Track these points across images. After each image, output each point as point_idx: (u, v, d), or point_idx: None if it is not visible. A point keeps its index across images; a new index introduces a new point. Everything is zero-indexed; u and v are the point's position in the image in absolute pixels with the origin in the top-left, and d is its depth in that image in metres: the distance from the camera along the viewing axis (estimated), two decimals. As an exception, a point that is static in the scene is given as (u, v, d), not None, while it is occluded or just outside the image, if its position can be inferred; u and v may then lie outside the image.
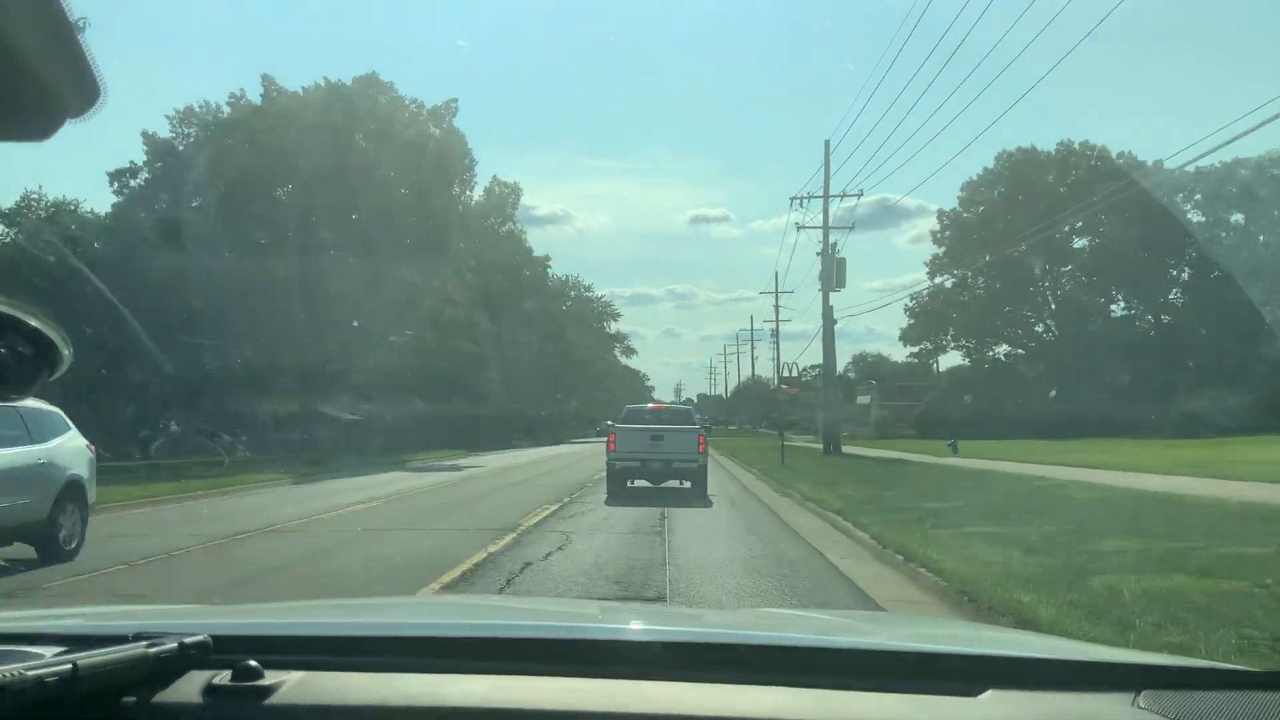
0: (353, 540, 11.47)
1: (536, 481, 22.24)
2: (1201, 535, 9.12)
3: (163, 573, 9.09)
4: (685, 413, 20.92)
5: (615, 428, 17.86)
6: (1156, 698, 1.32)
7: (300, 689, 1.34)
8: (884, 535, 9.90)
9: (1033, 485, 16.64)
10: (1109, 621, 5.53)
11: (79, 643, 1.37)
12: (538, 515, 13.56)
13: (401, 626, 1.82)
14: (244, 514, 14.53)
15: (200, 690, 1.33)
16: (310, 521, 13.53)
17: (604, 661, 1.47)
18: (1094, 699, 1.34)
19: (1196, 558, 7.71)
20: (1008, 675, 1.40)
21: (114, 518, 13.56)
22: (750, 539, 11.19)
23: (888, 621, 3.55)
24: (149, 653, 1.32)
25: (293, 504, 16.24)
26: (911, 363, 77.60)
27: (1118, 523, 10.47)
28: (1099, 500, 13.54)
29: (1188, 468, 18.44)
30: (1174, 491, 13.89)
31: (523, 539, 10.91)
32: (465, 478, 24.39)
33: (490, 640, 1.59)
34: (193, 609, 2.39)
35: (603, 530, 11.89)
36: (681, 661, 1.45)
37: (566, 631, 1.75)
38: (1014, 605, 6.10)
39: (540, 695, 1.32)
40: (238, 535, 11.77)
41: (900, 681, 1.38)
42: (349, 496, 17.35)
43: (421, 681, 1.37)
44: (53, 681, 1.14)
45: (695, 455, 16.93)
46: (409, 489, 19.84)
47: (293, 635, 1.63)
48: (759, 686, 1.35)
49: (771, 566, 8.90)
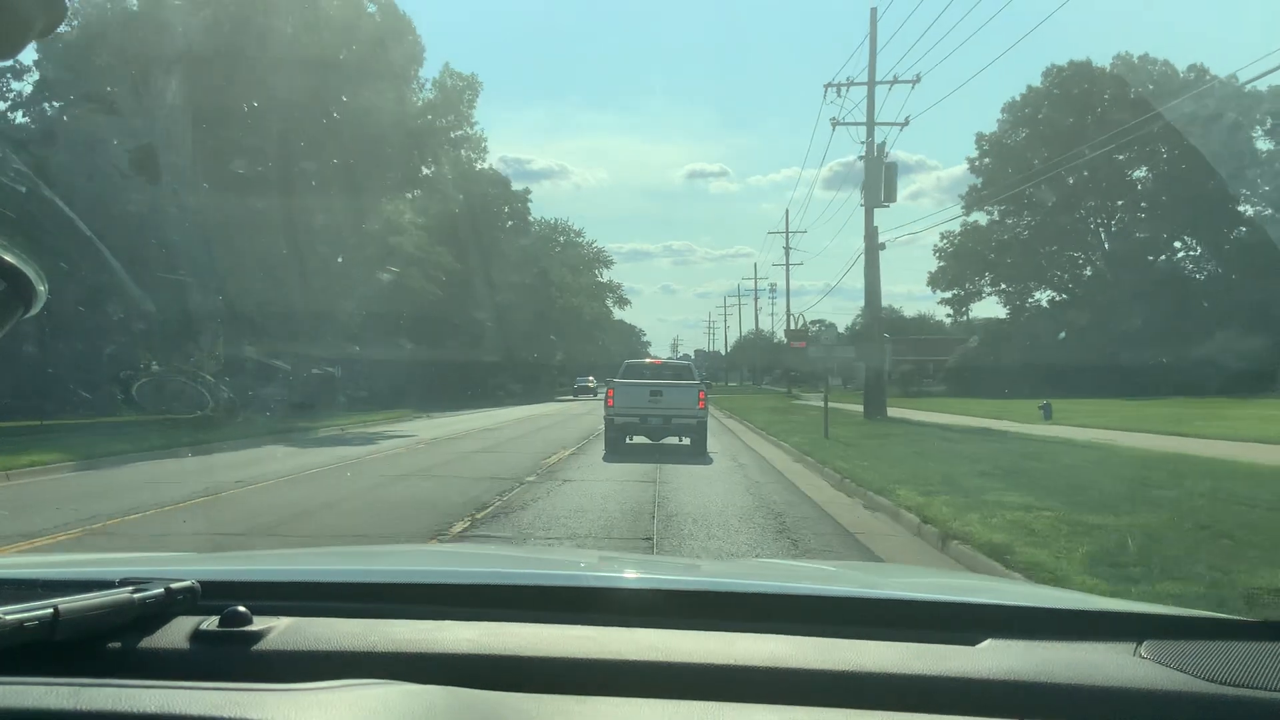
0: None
1: (448, 473, 13.83)
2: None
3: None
4: (685, 368, 20.38)
5: (615, 383, 17.55)
6: (1158, 647, 1.31)
7: (288, 635, 1.32)
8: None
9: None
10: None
11: (64, 588, 1.31)
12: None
13: (391, 573, 1.80)
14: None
15: (187, 636, 1.31)
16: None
17: (599, 609, 1.45)
18: (1094, 648, 1.33)
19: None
20: (1007, 624, 1.39)
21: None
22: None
23: (887, 571, 3.54)
24: (134, 598, 1.30)
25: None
26: (926, 317, 73.86)
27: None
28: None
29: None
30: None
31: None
32: (361, 458, 16.57)
33: (483, 587, 1.58)
34: (180, 555, 2.38)
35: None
36: (678, 609, 1.46)
37: (561, 580, 1.75)
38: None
39: (534, 642, 1.31)
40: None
41: (899, 630, 1.37)
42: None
43: (412, 628, 1.35)
44: (33, 626, 1.13)
45: (695, 411, 16.77)
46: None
47: (281, 581, 1.60)
48: (756, 634, 1.35)
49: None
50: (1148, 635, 1.35)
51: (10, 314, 1.03)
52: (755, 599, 1.55)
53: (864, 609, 1.52)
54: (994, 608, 1.52)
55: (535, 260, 58.07)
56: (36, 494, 11.70)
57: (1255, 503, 8.71)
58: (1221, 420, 20.31)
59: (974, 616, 1.45)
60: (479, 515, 9.26)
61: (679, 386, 17.11)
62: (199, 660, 1.27)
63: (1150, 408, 27.16)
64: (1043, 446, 15.74)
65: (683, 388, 17.05)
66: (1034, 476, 11.12)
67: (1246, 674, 1.23)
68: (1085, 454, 14.47)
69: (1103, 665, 1.26)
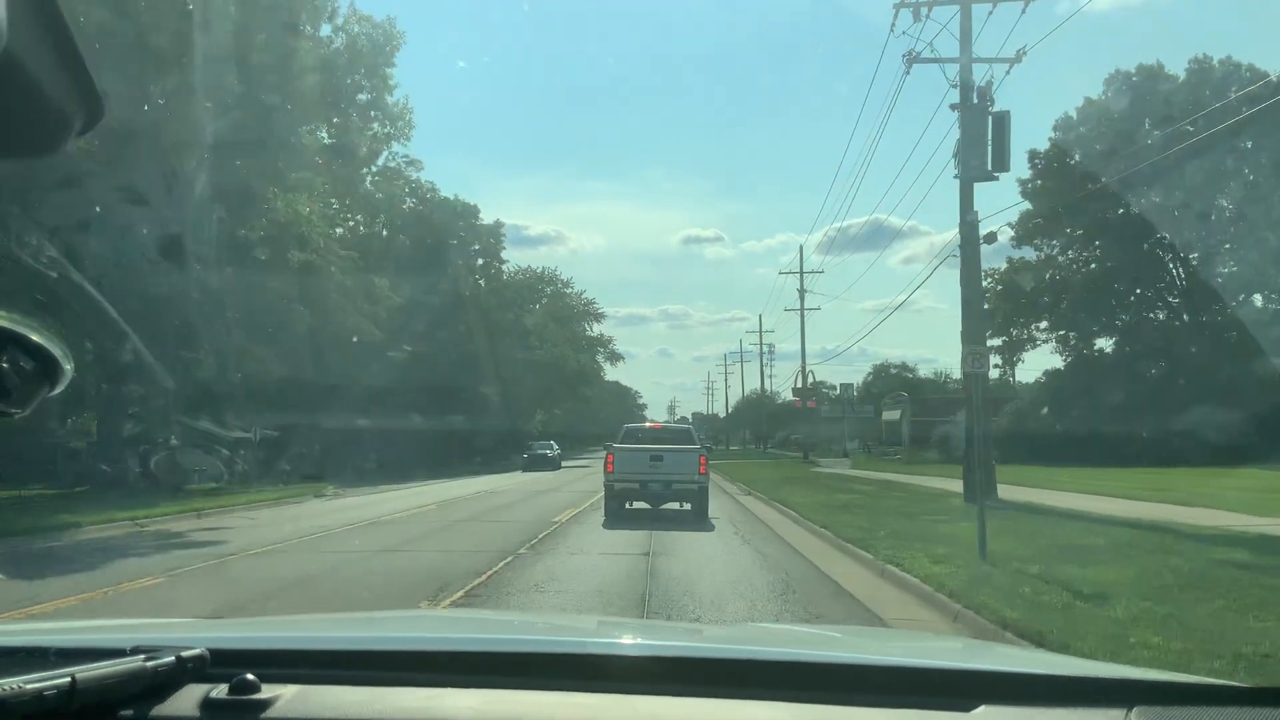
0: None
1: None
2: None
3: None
4: (685, 432, 20.06)
5: (615, 447, 17.38)
6: (1148, 714, 1.33)
7: (296, 703, 1.35)
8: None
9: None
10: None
11: (77, 656, 1.35)
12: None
13: (397, 640, 1.84)
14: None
15: (197, 704, 1.34)
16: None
17: (600, 676, 1.48)
18: (1087, 714, 1.35)
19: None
20: (1001, 691, 1.42)
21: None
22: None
23: (884, 636, 3.56)
24: (146, 666, 1.33)
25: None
26: (934, 378, 69.91)
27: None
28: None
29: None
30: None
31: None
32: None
33: (486, 655, 1.62)
34: (190, 622, 2.41)
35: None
36: (678, 676, 1.47)
37: (563, 646, 1.79)
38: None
39: (534, 709, 1.34)
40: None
41: (895, 696, 1.40)
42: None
43: (417, 695, 1.39)
44: (51, 695, 1.16)
45: (696, 476, 16.44)
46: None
47: (289, 649, 1.63)
48: (755, 701, 1.37)
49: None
50: (1139, 700, 1.36)
51: (37, 391, 1.06)
52: (755, 666, 1.56)
53: (863, 676, 1.54)
54: (989, 674, 1.55)
55: (510, 306, 50.46)
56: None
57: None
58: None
59: (969, 683, 1.47)
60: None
61: (680, 451, 16.86)
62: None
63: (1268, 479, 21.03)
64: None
65: (684, 452, 16.81)
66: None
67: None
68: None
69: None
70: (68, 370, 1.08)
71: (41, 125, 0.84)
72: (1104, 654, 5.94)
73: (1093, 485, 22.32)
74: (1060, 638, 6.26)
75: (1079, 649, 6.04)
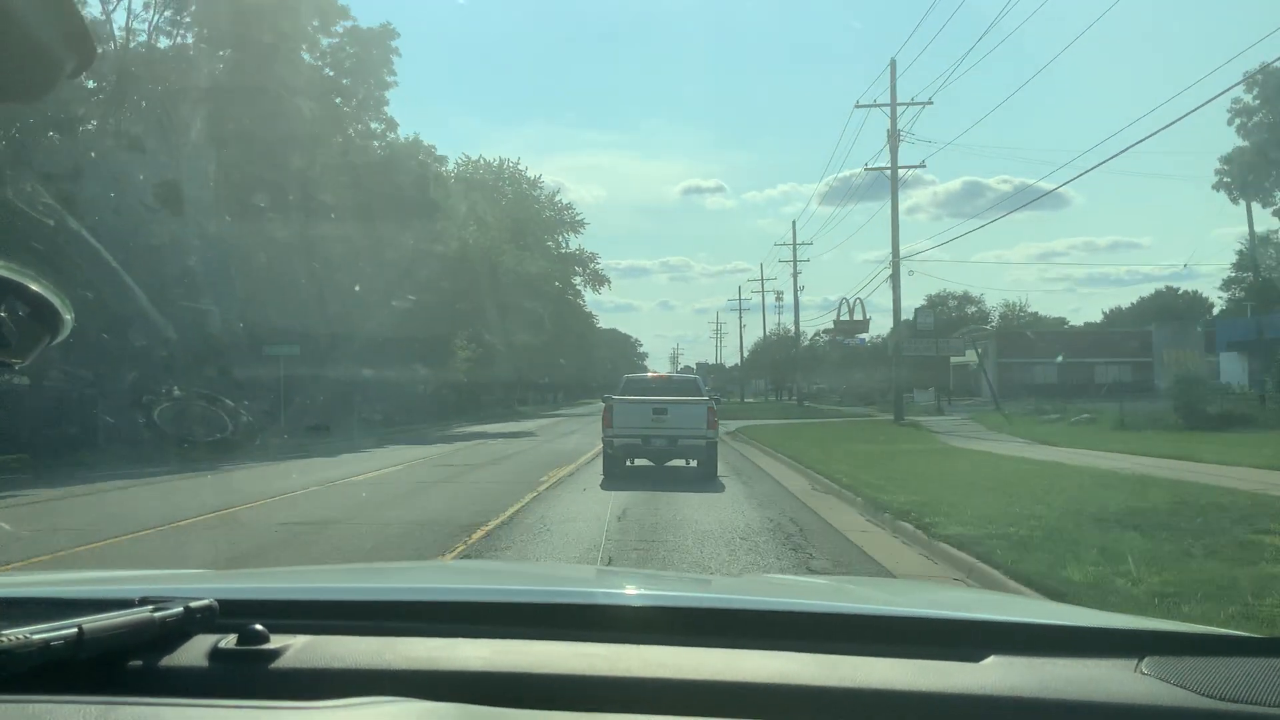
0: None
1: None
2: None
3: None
4: (691, 382, 18.38)
5: (614, 400, 16.14)
6: (1159, 663, 1.32)
7: (305, 653, 1.34)
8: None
9: None
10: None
11: (84, 607, 1.33)
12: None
13: (406, 591, 1.82)
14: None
15: (206, 654, 1.33)
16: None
17: (609, 626, 1.48)
18: (1096, 664, 1.34)
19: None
20: (1010, 641, 1.41)
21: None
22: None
23: (891, 587, 3.44)
24: (154, 617, 1.32)
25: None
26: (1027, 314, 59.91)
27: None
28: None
29: None
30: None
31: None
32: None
33: (495, 605, 1.61)
34: (198, 574, 2.35)
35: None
36: (685, 626, 1.47)
37: (572, 596, 1.77)
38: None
39: (545, 659, 1.33)
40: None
41: (902, 646, 1.39)
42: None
43: (427, 645, 1.38)
44: (58, 646, 1.15)
45: (704, 431, 15.42)
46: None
47: (298, 600, 1.62)
48: (762, 651, 1.37)
49: None
50: (1149, 651, 1.36)
51: (37, 341, 1.06)
52: (762, 616, 1.57)
53: (869, 626, 1.53)
54: (997, 624, 1.53)
55: (449, 215, 38.15)
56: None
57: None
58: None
59: (978, 633, 1.46)
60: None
61: (686, 404, 15.81)
62: (218, 678, 1.29)
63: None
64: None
65: (690, 405, 15.78)
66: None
67: (1247, 690, 1.23)
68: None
69: (1104, 681, 1.28)
70: (68, 320, 1.08)
71: (31, 68, 0.82)
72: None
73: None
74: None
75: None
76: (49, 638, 1.14)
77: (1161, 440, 19.11)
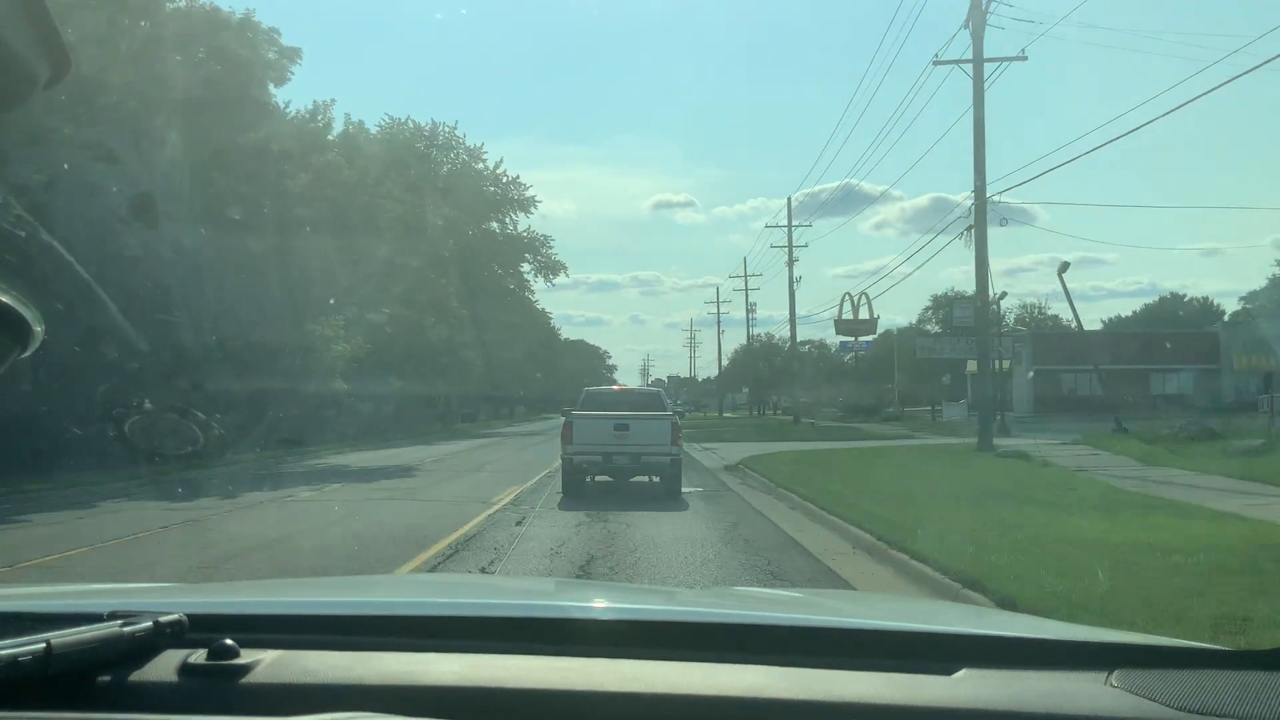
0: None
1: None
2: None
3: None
4: (654, 396, 18.15)
5: (573, 415, 15.67)
6: (1129, 676, 1.33)
7: (276, 668, 1.34)
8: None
9: None
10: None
11: (53, 621, 1.34)
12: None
13: (377, 605, 1.84)
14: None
15: (176, 669, 1.33)
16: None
17: (583, 640, 1.48)
18: (1067, 677, 1.35)
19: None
20: (981, 654, 1.41)
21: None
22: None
23: (862, 600, 3.50)
24: (124, 631, 1.32)
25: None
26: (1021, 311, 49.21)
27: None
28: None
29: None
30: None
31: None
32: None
33: (468, 619, 1.61)
34: (168, 588, 2.41)
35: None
36: (658, 640, 1.48)
37: (545, 610, 1.78)
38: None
39: (518, 673, 1.33)
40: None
41: (874, 660, 1.39)
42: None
43: (399, 659, 1.38)
44: (26, 661, 1.14)
45: (667, 448, 15.08)
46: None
47: (268, 614, 1.61)
48: (735, 665, 1.36)
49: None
50: (1119, 664, 1.37)
51: (7, 354, 1.06)
52: (734, 630, 1.57)
53: (841, 639, 1.54)
54: (969, 637, 1.55)
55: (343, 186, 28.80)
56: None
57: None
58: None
59: (949, 646, 1.46)
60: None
61: (649, 419, 15.35)
62: (188, 693, 1.28)
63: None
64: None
65: (653, 420, 15.35)
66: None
67: (1215, 703, 1.23)
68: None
69: (1075, 695, 1.28)
70: (38, 332, 1.07)
71: (6, 79, 0.81)
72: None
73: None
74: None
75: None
76: (16, 653, 1.13)
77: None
